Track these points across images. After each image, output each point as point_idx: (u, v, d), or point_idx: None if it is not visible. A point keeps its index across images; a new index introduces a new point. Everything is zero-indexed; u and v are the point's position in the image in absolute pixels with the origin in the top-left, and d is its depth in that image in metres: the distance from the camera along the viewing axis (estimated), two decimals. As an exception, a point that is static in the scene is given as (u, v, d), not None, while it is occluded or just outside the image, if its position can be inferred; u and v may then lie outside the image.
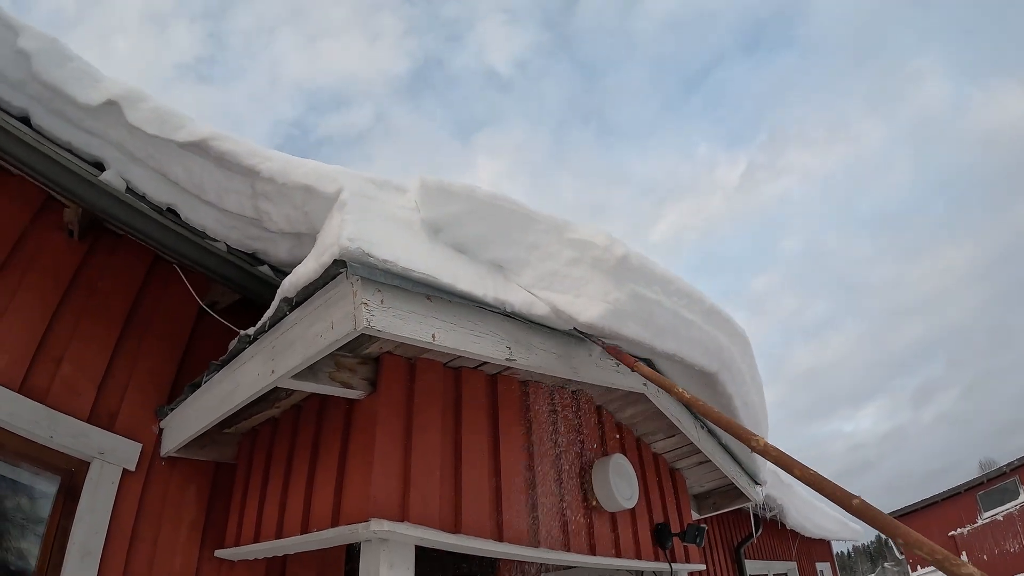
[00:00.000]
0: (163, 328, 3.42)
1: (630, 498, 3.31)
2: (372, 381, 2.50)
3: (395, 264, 1.93)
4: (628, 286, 2.39)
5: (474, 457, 2.67)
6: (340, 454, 2.49)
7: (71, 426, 2.83)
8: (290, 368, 2.17)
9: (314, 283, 2.04)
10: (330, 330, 1.97)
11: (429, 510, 2.36)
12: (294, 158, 2.59)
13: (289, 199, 2.53)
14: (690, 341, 2.80)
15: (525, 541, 2.71)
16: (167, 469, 3.19)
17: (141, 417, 3.17)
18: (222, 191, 2.84)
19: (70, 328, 3.03)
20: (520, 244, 2.43)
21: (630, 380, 3.08)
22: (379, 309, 1.91)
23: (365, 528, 2.14)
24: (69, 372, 2.95)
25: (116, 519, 2.87)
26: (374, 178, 2.52)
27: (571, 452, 3.28)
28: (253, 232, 3.00)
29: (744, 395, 3.53)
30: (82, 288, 3.15)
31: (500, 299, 2.27)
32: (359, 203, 2.12)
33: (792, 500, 9.24)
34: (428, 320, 2.07)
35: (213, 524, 3.25)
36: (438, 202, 2.37)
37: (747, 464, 4.51)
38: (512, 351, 2.38)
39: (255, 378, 2.41)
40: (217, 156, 2.66)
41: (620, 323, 2.38)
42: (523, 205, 2.44)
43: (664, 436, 3.93)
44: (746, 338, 3.42)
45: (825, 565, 14.35)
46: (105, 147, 2.91)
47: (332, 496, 2.42)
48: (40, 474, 2.79)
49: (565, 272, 2.40)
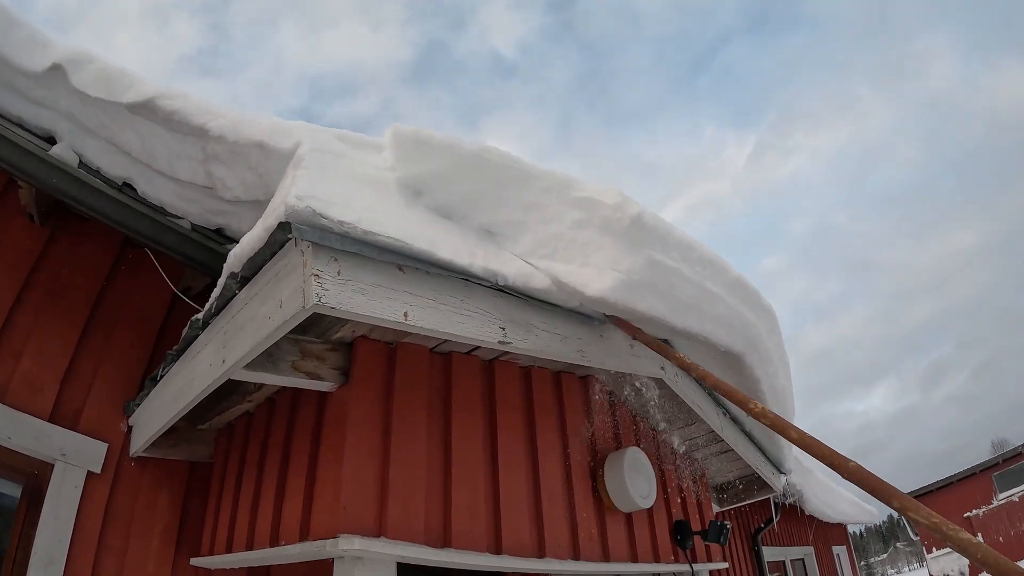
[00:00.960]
0: (133, 317, 3.18)
1: (647, 496, 2.95)
2: (345, 371, 2.15)
3: (354, 227, 1.55)
4: (644, 252, 2.00)
5: (466, 457, 2.31)
6: (310, 457, 2.16)
7: (31, 426, 2.65)
8: (240, 357, 1.81)
9: (261, 253, 1.67)
10: (279, 310, 1.60)
11: (412, 523, 2.01)
12: (249, 113, 2.23)
13: (244, 160, 2.18)
14: (715, 318, 2.42)
15: (528, 552, 2.36)
16: (136, 470, 2.96)
17: (108, 415, 2.94)
18: (173, 157, 2.55)
19: (30, 320, 2.82)
20: (515, 205, 2.05)
21: (646, 364, 2.70)
22: (335, 282, 1.53)
23: (334, 545, 1.80)
24: (29, 368, 2.75)
25: (80, 526, 2.68)
26: (345, 135, 2.16)
27: (580, 446, 2.91)
28: (213, 205, 2.69)
29: (771, 378, 3.16)
30: (44, 277, 2.94)
31: (490, 269, 1.88)
32: (319, 159, 1.76)
33: (811, 486, 8.93)
34: (399, 295, 1.68)
35: (188, 529, 3.02)
36: (415, 157, 2.00)
37: (771, 452, 4.14)
38: (507, 332, 1.99)
39: (207, 369, 2.06)
40: (166, 117, 2.36)
41: (635, 296, 2.00)
42: (518, 159, 2.06)
43: (683, 424, 3.56)
44: (773, 313, 3.04)
45: (841, 548, 14.13)
46: (57, 119, 2.70)
47: (301, 506, 2.09)
48: (1, 479, 2.62)
49: (570, 236, 2.01)
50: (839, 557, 13.68)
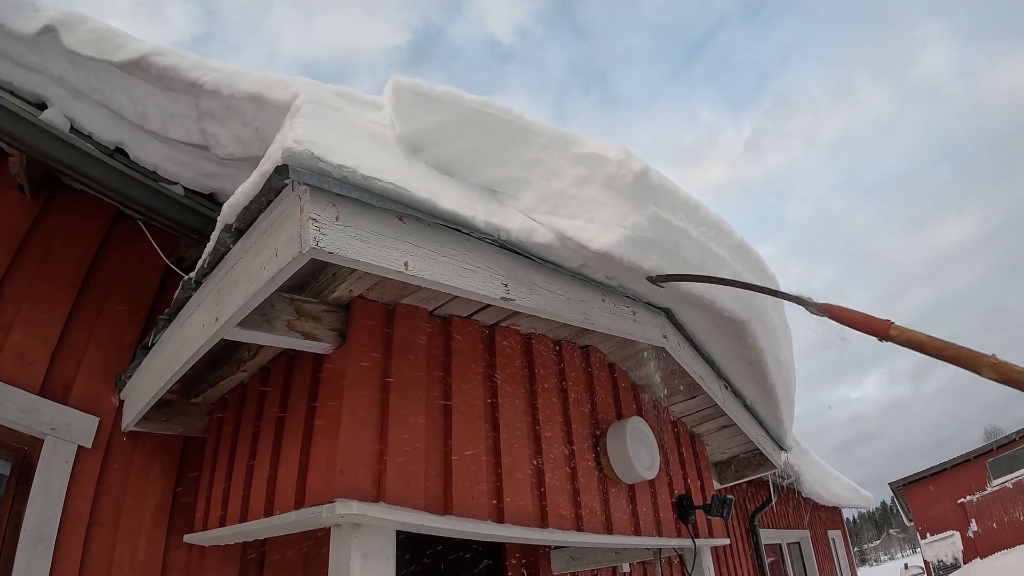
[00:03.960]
0: (126, 289, 3.12)
1: (650, 467, 2.90)
2: (342, 332, 2.09)
3: (354, 172, 1.49)
4: (649, 208, 1.94)
5: (467, 423, 2.25)
6: (306, 422, 2.09)
7: (20, 399, 2.57)
8: (233, 312, 1.74)
9: (256, 200, 1.61)
10: (274, 258, 1.53)
11: (411, 488, 1.95)
12: (243, 68, 2.16)
13: (238, 115, 2.12)
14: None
15: (530, 521, 2.31)
16: (128, 445, 2.89)
17: (100, 388, 2.87)
18: (166, 117, 2.51)
19: (21, 292, 2.75)
20: (518, 161, 1.98)
21: (648, 331, 2.65)
22: (332, 227, 1.46)
23: (330, 511, 1.74)
24: (19, 340, 2.68)
25: (71, 502, 2.60)
26: (343, 90, 2.10)
27: (582, 416, 2.86)
28: (207, 168, 2.66)
29: (775, 349, 3.12)
30: (35, 248, 2.87)
31: (493, 224, 1.82)
32: (317, 111, 1.70)
33: (808, 467, 8.95)
34: (399, 244, 1.61)
35: (182, 506, 2.95)
36: (416, 111, 1.94)
37: (773, 428, 4.10)
38: (510, 289, 1.92)
39: (200, 330, 1.99)
40: (159, 74, 2.32)
41: (641, 253, 1.94)
42: (519, 115, 1.99)
43: (685, 397, 3.51)
44: (777, 282, 2.99)
45: (837, 533, 14.25)
46: (47, 84, 2.63)
47: (296, 473, 2.03)
48: (-10, 454, 2.56)
49: (573, 193, 1.94)
50: (834, 542, 13.80)
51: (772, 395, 3.49)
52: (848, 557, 14.84)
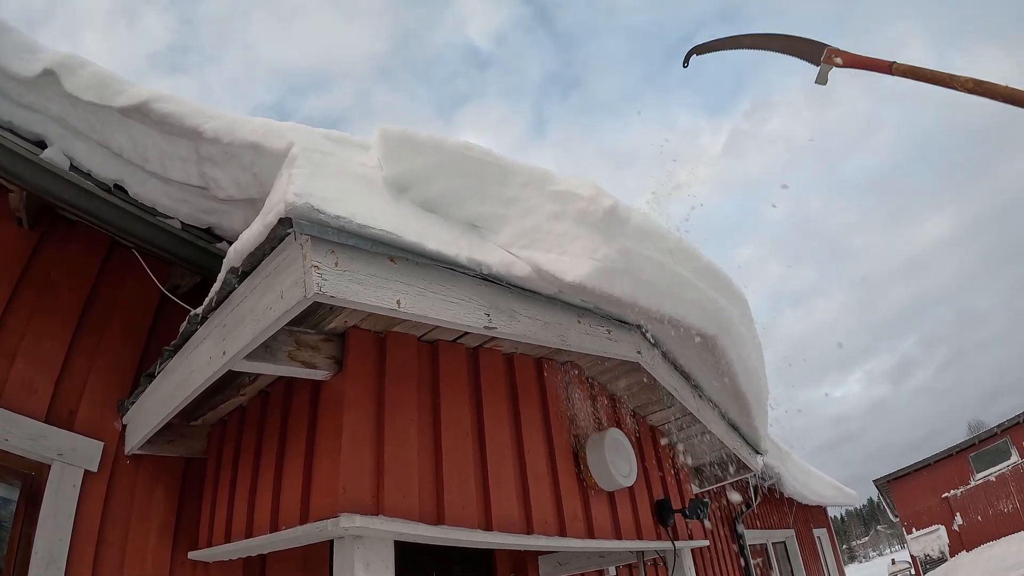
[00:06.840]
0: (123, 317, 3.21)
1: (628, 475, 3.09)
2: (338, 360, 2.26)
3: (350, 221, 1.67)
4: (618, 241, 2.13)
5: (456, 439, 2.43)
6: (307, 443, 2.25)
7: (27, 427, 2.64)
8: (241, 347, 1.91)
9: (261, 248, 1.78)
10: (279, 300, 1.71)
11: (407, 501, 2.12)
12: (241, 116, 2.32)
13: (237, 161, 2.28)
14: (688, 302, 2.56)
15: (517, 528, 2.48)
16: (132, 468, 2.99)
17: (103, 413, 2.96)
18: (165, 159, 2.62)
19: (23, 322, 2.82)
20: (497, 199, 2.16)
21: (623, 348, 2.84)
22: (333, 272, 1.64)
23: (335, 524, 1.90)
24: (23, 368, 2.75)
25: (80, 524, 2.68)
26: (332, 134, 2.26)
27: (562, 429, 3.04)
28: (205, 204, 2.77)
29: (744, 359, 3.31)
30: (35, 279, 2.95)
31: (475, 259, 2.01)
32: (312, 158, 1.86)
33: (789, 468, 9.15)
34: (391, 284, 1.80)
35: (185, 524, 3.06)
36: (402, 156, 2.11)
37: (748, 433, 4.30)
38: (492, 318, 2.12)
39: (207, 362, 2.15)
40: (159, 119, 2.44)
41: (611, 282, 2.13)
42: (498, 156, 2.18)
43: (661, 408, 3.70)
44: (744, 299, 3.19)
45: (822, 531, 14.43)
46: (47, 123, 2.71)
47: (300, 490, 2.19)
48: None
49: (548, 228, 2.13)
50: (820, 540, 13.97)
51: (744, 402, 3.68)
52: (835, 555, 15.02)
